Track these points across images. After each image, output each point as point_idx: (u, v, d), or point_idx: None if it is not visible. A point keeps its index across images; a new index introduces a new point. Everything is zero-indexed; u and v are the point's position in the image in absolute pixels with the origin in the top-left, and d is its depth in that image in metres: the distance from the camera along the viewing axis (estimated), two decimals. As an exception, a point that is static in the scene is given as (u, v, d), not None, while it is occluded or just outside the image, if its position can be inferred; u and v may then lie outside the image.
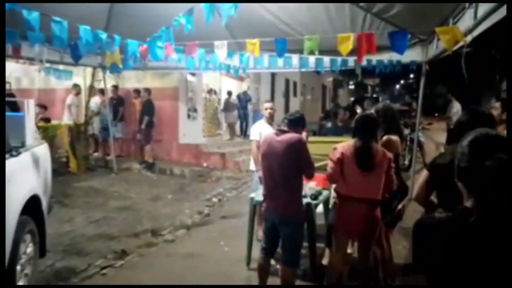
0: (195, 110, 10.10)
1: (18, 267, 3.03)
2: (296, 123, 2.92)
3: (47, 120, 8.30)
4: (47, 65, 7.81)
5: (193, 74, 9.99)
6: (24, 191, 3.12)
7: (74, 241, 4.69)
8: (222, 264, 4.15)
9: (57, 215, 5.40)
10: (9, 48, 4.86)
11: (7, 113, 3.93)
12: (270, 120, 4.66)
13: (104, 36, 3.53)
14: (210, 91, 11.69)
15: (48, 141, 8.06)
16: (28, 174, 3.35)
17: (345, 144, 2.99)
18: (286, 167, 2.79)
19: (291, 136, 2.82)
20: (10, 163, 2.96)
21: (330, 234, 3.33)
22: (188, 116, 9.81)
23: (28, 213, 3.22)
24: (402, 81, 47.47)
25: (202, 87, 10.66)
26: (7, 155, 2.98)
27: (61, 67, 8.48)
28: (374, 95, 30.18)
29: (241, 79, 13.55)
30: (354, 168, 2.83)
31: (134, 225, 5.36)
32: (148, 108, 8.74)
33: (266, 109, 4.67)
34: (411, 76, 37.18)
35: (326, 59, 5.32)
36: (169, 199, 6.81)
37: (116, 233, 5.05)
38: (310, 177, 2.99)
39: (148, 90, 8.87)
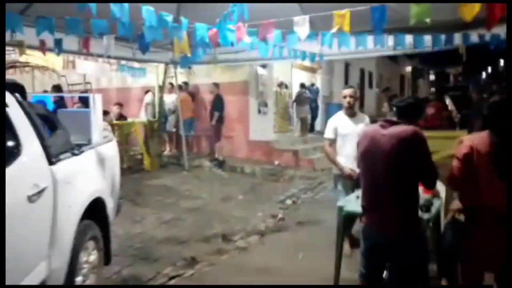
0: (265, 105, 9.60)
1: (80, 278, 2.73)
2: (410, 111, 2.18)
3: (123, 117, 8.43)
4: (123, 62, 7.92)
5: (263, 66, 9.50)
6: (86, 194, 2.81)
7: (144, 245, 4.44)
8: (303, 283, 3.53)
9: (129, 214, 5.26)
10: (78, 43, 4.79)
11: (72, 110, 3.74)
12: (351, 110, 3.83)
13: (169, 18, 3.11)
14: (280, 85, 11.11)
15: (123, 139, 8.22)
16: (91, 175, 3.06)
17: (476, 136, 2.18)
18: (397, 170, 2.07)
19: (403, 128, 2.09)
20: (70, 164, 2.66)
21: (446, 262, 2.53)
22: (259, 111, 9.35)
23: (91, 218, 2.93)
24: (489, 69, 42.26)
25: (272, 80, 10.12)
26: (67, 154, 2.69)
27: (135, 65, 8.57)
28: (458, 85, 27.09)
29: (313, 70, 12.76)
30: (490, 170, 2.03)
31: (205, 228, 4.99)
32: (218, 103, 8.43)
33: (345, 97, 3.78)
34: (502, 62, 32.72)
35: (427, 37, 4.37)
36: (240, 200, 6.38)
37: (186, 236, 4.72)
38: (430, 186, 2.24)
39: (217, 85, 8.57)
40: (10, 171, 1.89)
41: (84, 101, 6.70)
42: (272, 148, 8.96)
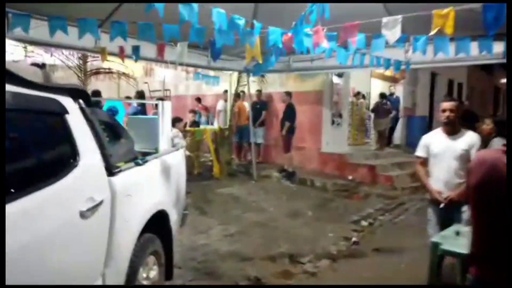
0: (340, 116, 9.04)
1: (137, 295, 2.57)
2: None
3: (197, 124, 8.55)
4: (198, 70, 8.04)
5: (339, 75, 8.98)
6: (148, 206, 2.66)
7: (207, 258, 4.26)
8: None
9: (195, 224, 5.17)
10: (155, 50, 4.84)
11: (141, 116, 3.68)
12: (450, 127, 3.19)
13: (241, 22, 2.88)
14: (357, 95, 10.44)
15: (195, 145, 8.31)
16: (155, 186, 2.92)
17: None
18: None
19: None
20: (132, 174, 2.52)
21: None
22: (333, 122, 8.83)
23: (154, 231, 2.78)
24: None
25: (348, 90, 9.53)
26: (130, 164, 2.56)
27: (211, 73, 8.68)
28: None
29: (394, 80, 11.83)
30: None
31: (270, 245, 4.67)
32: (289, 113, 8.12)
33: (444, 110, 3.16)
34: None
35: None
36: (309, 217, 5.95)
37: (250, 253, 4.44)
38: None
39: (289, 94, 8.27)
40: (63, 185, 1.76)
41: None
42: (345, 162, 8.37)
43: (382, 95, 10.21)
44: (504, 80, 23.79)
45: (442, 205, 3.21)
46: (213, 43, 3.83)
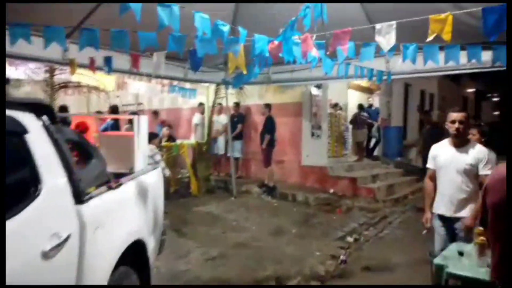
0: (319, 128, 8.94)
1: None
2: None
3: (172, 139, 8.20)
4: (175, 83, 7.74)
5: (318, 87, 8.91)
6: (122, 237, 2.34)
7: (188, 286, 3.92)
8: None
9: (173, 247, 4.81)
10: (128, 62, 4.53)
11: (114, 133, 3.38)
12: (459, 139, 3.03)
13: (226, 28, 2.66)
14: (335, 106, 10.41)
15: (171, 161, 7.94)
16: (130, 212, 2.60)
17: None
18: None
19: None
20: (104, 201, 2.20)
21: None
22: (312, 134, 8.71)
23: (129, 263, 2.46)
24: None
25: (327, 102, 9.47)
26: (102, 189, 2.24)
27: (187, 85, 8.40)
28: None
29: (370, 91, 11.95)
30: None
31: (255, 268, 4.38)
32: (269, 125, 7.93)
33: (454, 122, 2.99)
34: None
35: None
36: (293, 234, 5.71)
37: (234, 277, 4.14)
38: None
39: (268, 106, 8.10)
40: (21, 220, 1.44)
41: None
42: (326, 175, 8.23)
43: (360, 106, 10.24)
44: (470, 90, 24.86)
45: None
46: (193, 53, 3.59)
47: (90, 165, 2.23)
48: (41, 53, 4.81)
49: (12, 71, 7.38)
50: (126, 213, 2.50)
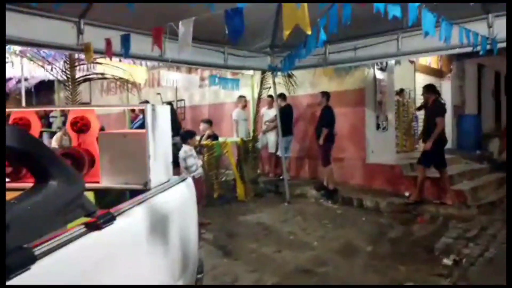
0: (385, 118, 7.52)
1: None
2: None
3: (214, 137, 7.20)
4: (214, 72, 6.76)
5: (382, 70, 7.48)
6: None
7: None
8: None
9: (217, 271, 3.81)
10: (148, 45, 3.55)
11: (117, 132, 2.39)
12: None
13: None
14: (401, 92, 8.87)
15: (214, 162, 6.97)
16: (136, 262, 1.54)
17: None
18: None
19: None
20: (79, 254, 1.15)
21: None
22: (378, 126, 7.31)
23: None
24: None
25: (393, 87, 8.00)
26: (77, 230, 1.20)
27: (229, 75, 7.38)
28: None
29: (440, 74, 10.21)
30: None
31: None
32: (327, 117, 6.67)
33: None
34: None
35: None
36: (368, 254, 4.45)
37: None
38: None
39: (326, 95, 6.83)
40: None
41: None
42: (398, 174, 6.81)
43: (430, 88, 8.59)
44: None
45: None
46: (231, 14, 2.49)
47: (44, 191, 1.19)
48: (54, 38, 3.99)
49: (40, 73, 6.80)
50: (128, 266, 1.43)
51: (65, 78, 5.06)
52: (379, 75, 7.35)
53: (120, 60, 5.72)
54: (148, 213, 1.74)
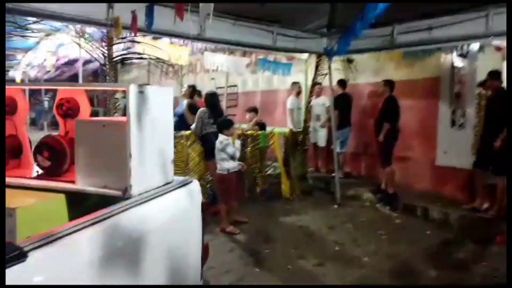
0: (463, 114, 6.34)
1: None
2: None
3: (261, 125, 6.62)
4: (261, 56, 6.14)
5: (463, 56, 6.28)
6: None
7: None
8: None
9: (245, 282, 3.28)
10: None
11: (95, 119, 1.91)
12: None
13: None
14: (484, 83, 7.50)
15: (258, 155, 6.40)
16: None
17: None
18: None
19: None
20: None
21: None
22: (453, 123, 6.18)
23: None
24: None
25: (475, 77, 6.73)
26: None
27: (283, 60, 6.71)
28: None
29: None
30: None
31: None
32: (390, 110, 5.75)
33: None
34: None
35: None
36: (431, 280, 3.61)
37: None
38: None
39: (389, 84, 5.89)
40: None
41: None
42: (475, 181, 5.68)
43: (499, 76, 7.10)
44: None
45: None
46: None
47: None
48: (82, 11, 3.66)
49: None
50: None
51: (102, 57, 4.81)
52: (459, 62, 6.17)
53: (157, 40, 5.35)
54: (103, 241, 1.21)
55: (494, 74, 5.29)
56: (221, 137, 4.46)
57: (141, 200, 1.54)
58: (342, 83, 6.88)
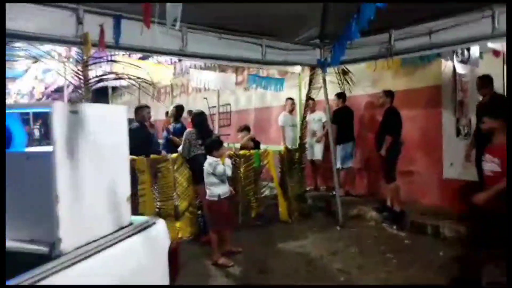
0: (468, 123, 5.99)
1: None
2: None
3: (256, 144, 6.24)
4: (253, 71, 5.81)
5: (464, 62, 5.97)
6: None
7: None
8: None
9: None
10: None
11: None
12: None
13: None
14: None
15: (254, 176, 5.98)
16: None
17: None
18: None
19: None
20: None
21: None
22: (458, 132, 5.82)
23: None
24: None
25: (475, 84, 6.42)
26: None
27: (276, 75, 6.39)
28: None
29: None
30: None
31: None
32: (391, 121, 5.40)
33: None
34: None
35: None
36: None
37: None
38: None
39: (389, 94, 5.56)
40: None
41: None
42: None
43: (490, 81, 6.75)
44: None
45: None
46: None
47: None
48: (52, 31, 3.34)
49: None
50: None
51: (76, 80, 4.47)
52: (460, 69, 5.85)
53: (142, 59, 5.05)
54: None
55: (485, 79, 4.93)
56: (210, 159, 4.07)
57: (76, 258, 1.14)
58: (341, 96, 6.56)
